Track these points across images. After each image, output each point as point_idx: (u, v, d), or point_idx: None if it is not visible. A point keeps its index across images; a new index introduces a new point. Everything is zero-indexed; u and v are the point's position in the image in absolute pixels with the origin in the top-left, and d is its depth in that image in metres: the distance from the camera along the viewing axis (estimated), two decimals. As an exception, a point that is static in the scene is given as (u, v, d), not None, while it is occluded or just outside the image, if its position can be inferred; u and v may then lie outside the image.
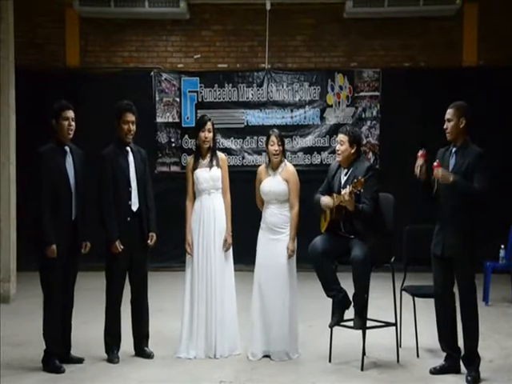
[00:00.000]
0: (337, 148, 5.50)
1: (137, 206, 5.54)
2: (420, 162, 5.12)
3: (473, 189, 4.91)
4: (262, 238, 5.70)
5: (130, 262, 5.54)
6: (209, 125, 5.70)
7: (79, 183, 5.36)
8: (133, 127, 5.55)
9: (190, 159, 5.88)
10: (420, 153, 5.13)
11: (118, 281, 5.53)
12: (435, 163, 4.96)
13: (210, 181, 5.67)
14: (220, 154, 5.84)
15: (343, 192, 5.13)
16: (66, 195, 5.28)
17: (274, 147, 5.65)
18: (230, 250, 5.73)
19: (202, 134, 5.70)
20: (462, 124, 5.06)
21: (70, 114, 5.35)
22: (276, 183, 5.65)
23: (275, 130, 5.82)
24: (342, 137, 5.43)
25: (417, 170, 5.13)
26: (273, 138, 5.66)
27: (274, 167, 5.72)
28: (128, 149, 5.58)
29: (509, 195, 9.55)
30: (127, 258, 5.51)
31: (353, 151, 5.40)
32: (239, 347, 5.68)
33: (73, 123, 5.35)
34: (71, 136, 5.37)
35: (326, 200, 5.39)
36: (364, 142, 9.88)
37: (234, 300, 5.68)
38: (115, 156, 5.51)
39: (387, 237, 5.39)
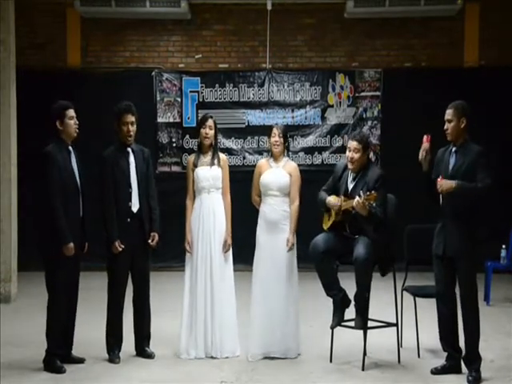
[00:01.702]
0: (350, 156, 5.34)
1: (137, 207, 5.54)
2: (426, 145, 5.07)
3: (477, 189, 4.90)
4: (262, 236, 5.68)
5: (131, 262, 5.53)
6: (210, 122, 5.70)
7: (83, 183, 5.39)
8: (132, 128, 5.54)
9: (190, 157, 5.89)
10: (425, 137, 5.09)
11: (120, 281, 5.52)
12: (438, 179, 4.94)
13: (211, 179, 5.66)
14: (221, 155, 5.84)
15: (355, 202, 5.08)
16: (74, 194, 5.31)
17: (275, 138, 5.68)
18: (230, 251, 5.72)
19: (202, 131, 5.71)
20: (463, 124, 5.05)
21: (74, 113, 5.38)
22: (279, 175, 5.65)
23: (278, 124, 5.94)
24: (355, 145, 5.31)
25: (422, 153, 5.07)
26: (274, 130, 5.71)
27: (276, 160, 5.73)
28: (129, 150, 5.58)
29: (510, 195, 9.55)
30: (128, 258, 5.50)
31: (365, 158, 5.39)
32: (239, 348, 5.67)
33: (77, 122, 5.38)
34: (76, 135, 5.39)
35: (332, 201, 5.38)
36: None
37: (233, 300, 5.67)
38: (115, 157, 5.51)
39: (389, 237, 5.37)
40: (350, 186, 5.40)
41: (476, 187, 4.89)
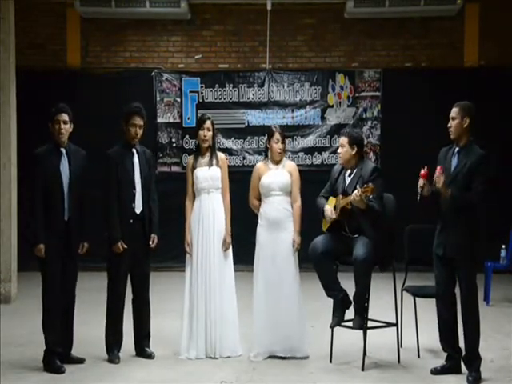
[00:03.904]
0: (338, 151, 5.52)
1: (140, 208, 5.53)
2: (421, 182, 5.04)
3: (470, 200, 4.93)
4: (264, 235, 5.66)
5: (132, 262, 5.52)
6: (208, 123, 5.69)
7: (73, 184, 5.35)
8: (140, 131, 5.55)
9: (189, 159, 5.89)
10: (422, 172, 5.04)
11: (120, 282, 5.51)
12: (438, 168, 4.92)
13: (210, 180, 5.66)
14: (220, 155, 5.83)
15: (353, 195, 5.08)
16: (57, 196, 5.28)
17: (279, 145, 5.68)
18: (230, 250, 5.71)
19: (200, 133, 5.70)
20: (466, 123, 5.04)
21: (62, 117, 5.34)
22: (280, 175, 5.66)
23: (277, 127, 5.84)
24: (341, 139, 5.50)
25: (419, 190, 5.06)
26: (277, 136, 5.69)
27: (275, 162, 5.74)
28: (134, 150, 5.58)
29: (509, 195, 9.56)
30: (129, 259, 5.49)
31: (353, 152, 5.40)
32: (240, 348, 5.67)
33: (64, 126, 5.33)
34: (63, 138, 5.35)
35: (328, 210, 5.39)
36: (365, 142, 9.87)
37: (234, 300, 5.67)
38: (121, 157, 5.50)
39: (388, 237, 5.37)
40: (347, 182, 5.42)
41: (469, 198, 4.92)
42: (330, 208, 5.39)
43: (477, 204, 4.98)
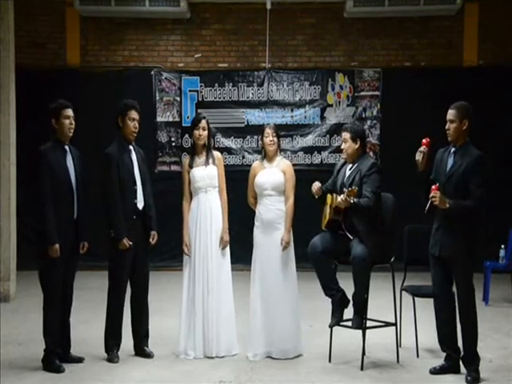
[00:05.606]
0: (342, 146, 5.52)
1: (142, 204, 5.54)
2: (422, 148, 5.04)
3: (468, 208, 4.91)
4: (260, 236, 5.67)
5: (133, 260, 5.51)
6: (203, 123, 5.69)
7: (80, 182, 5.36)
8: (137, 126, 5.56)
9: (185, 159, 5.88)
10: (424, 140, 5.06)
11: (122, 280, 5.51)
12: (433, 186, 4.92)
13: (207, 179, 5.66)
14: (216, 153, 5.83)
15: (339, 199, 5.12)
16: (68, 194, 5.27)
17: (269, 138, 5.69)
18: (227, 250, 5.70)
19: (196, 132, 5.70)
20: (465, 126, 5.02)
21: (71, 112, 5.35)
22: (273, 174, 5.66)
23: (269, 123, 5.96)
24: (344, 134, 5.48)
25: (419, 154, 5.03)
26: (267, 130, 5.72)
27: (270, 160, 5.74)
28: (131, 147, 5.58)
29: (509, 195, 9.56)
30: (131, 256, 5.49)
31: (357, 147, 5.42)
32: (237, 347, 5.67)
33: (73, 122, 5.36)
34: (71, 134, 5.37)
35: (315, 186, 5.39)
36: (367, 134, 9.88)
37: (231, 299, 5.67)
38: (120, 154, 5.49)
39: (387, 236, 5.38)
40: (347, 175, 5.43)
41: (467, 206, 4.90)
42: (317, 184, 5.41)
43: (476, 210, 4.96)
